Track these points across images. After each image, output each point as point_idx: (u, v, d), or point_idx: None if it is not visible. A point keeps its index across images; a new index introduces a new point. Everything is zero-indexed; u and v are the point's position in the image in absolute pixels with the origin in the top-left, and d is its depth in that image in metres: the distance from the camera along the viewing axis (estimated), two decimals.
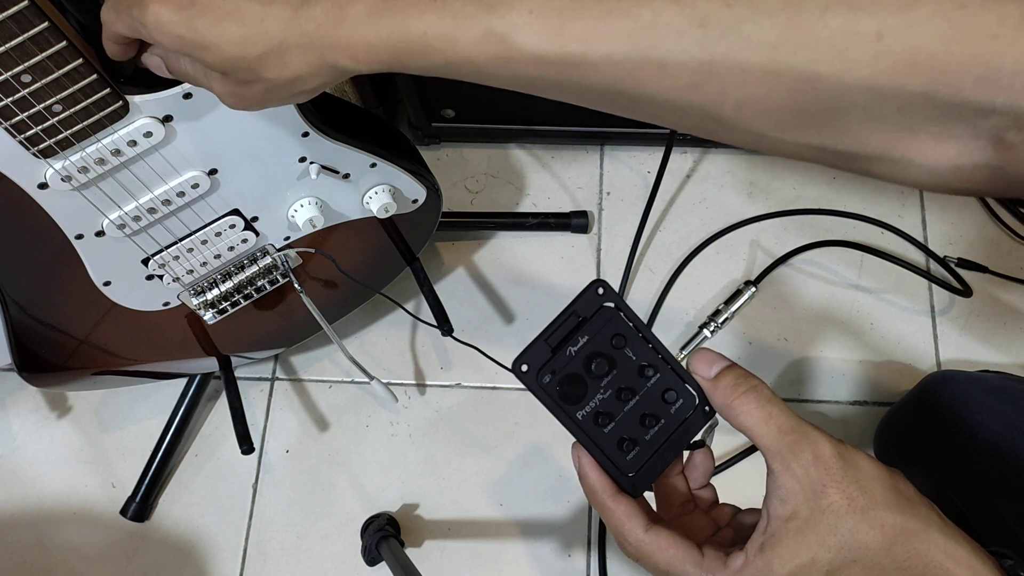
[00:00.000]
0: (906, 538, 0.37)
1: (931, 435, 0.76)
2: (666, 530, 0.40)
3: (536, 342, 0.41)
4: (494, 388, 0.92)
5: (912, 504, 0.38)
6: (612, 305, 0.42)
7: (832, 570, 0.38)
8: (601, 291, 0.42)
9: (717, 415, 0.43)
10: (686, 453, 0.45)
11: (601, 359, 0.42)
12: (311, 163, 0.64)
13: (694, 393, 0.43)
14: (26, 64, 0.46)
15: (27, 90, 0.47)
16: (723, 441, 0.87)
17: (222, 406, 0.93)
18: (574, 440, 0.42)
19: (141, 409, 0.93)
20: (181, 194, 0.60)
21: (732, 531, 0.44)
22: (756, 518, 0.42)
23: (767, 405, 0.39)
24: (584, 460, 0.42)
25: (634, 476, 0.42)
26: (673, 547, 0.40)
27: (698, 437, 0.44)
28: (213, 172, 0.60)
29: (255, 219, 0.67)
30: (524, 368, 0.41)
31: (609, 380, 0.42)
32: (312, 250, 0.73)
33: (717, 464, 0.85)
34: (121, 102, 0.51)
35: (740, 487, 0.69)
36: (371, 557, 0.83)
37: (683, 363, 0.43)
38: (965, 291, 0.90)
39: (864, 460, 0.39)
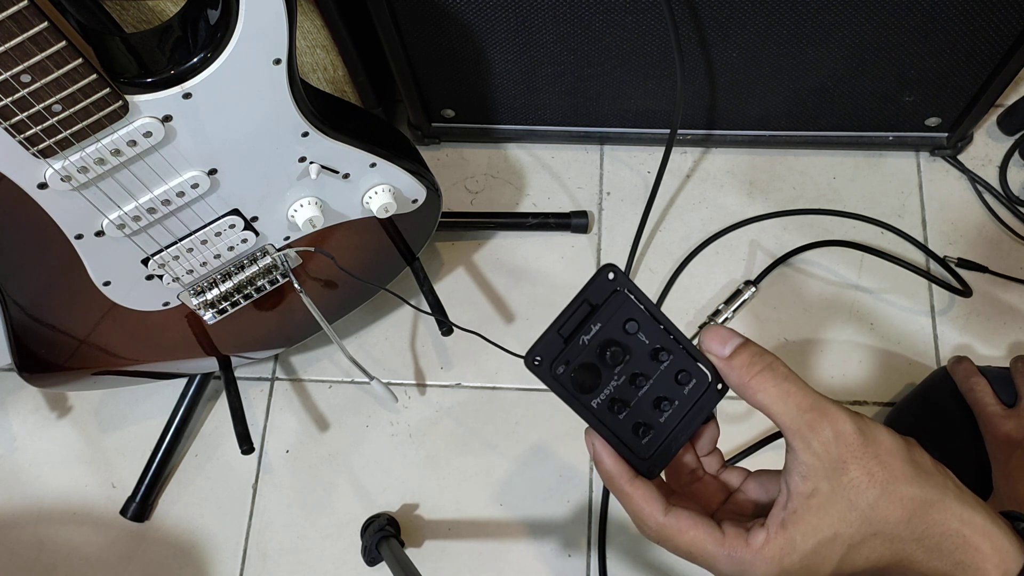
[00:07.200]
0: (924, 509, 0.38)
1: (938, 428, 0.77)
2: (685, 511, 0.40)
3: (548, 333, 0.40)
4: (494, 388, 0.92)
5: (929, 475, 0.39)
6: (624, 290, 0.41)
7: (854, 544, 0.38)
8: (612, 276, 0.41)
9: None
10: None
11: (615, 346, 0.41)
12: (311, 163, 0.64)
13: (707, 372, 0.42)
14: (26, 64, 0.46)
15: (27, 90, 0.47)
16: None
17: (222, 406, 0.93)
18: (587, 426, 0.42)
19: (141, 409, 0.93)
20: (181, 194, 0.60)
21: (744, 496, 0.44)
22: (770, 485, 0.42)
23: (784, 383, 0.39)
24: (599, 446, 0.41)
25: (649, 459, 0.42)
26: (694, 528, 0.40)
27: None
28: (213, 172, 0.60)
29: (255, 219, 0.67)
30: (537, 360, 0.40)
31: (623, 366, 0.41)
32: (312, 248, 0.73)
33: (732, 456, 0.86)
34: (121, 102, 0.51)
35: None
36: (371, 557, 0.83)
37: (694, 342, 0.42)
38: (965, 291, 0.90)
39: (883, 434, 0.39)
